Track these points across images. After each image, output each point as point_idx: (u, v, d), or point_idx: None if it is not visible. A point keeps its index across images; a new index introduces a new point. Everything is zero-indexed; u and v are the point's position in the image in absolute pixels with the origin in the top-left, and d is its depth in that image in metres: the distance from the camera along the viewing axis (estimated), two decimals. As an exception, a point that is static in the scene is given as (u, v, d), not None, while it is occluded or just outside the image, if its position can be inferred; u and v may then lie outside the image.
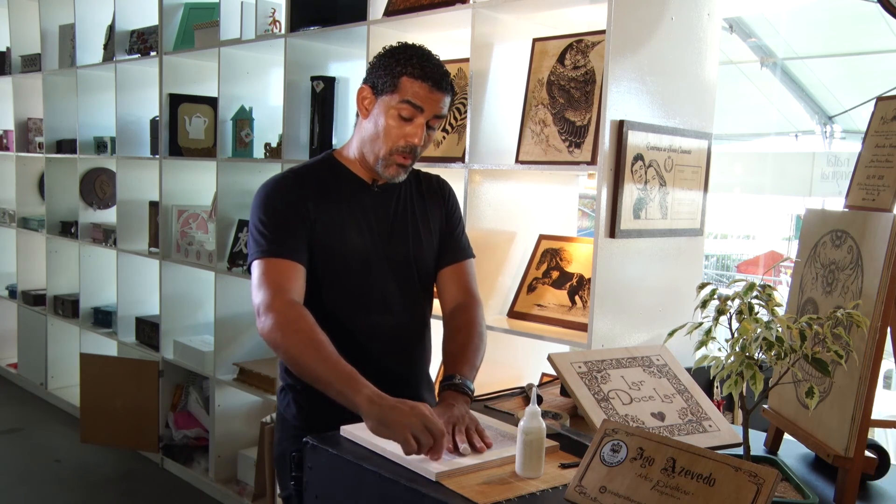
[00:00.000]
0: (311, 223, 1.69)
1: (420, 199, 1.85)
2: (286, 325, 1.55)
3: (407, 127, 1.67)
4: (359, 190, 1.78)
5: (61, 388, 5.02)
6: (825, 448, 1.41)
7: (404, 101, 1.65)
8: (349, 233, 1.73)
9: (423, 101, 1.66)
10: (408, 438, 1.36)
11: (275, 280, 1.62)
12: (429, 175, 1.92)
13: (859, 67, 6.81)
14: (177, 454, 3.97)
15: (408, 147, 1.68)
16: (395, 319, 1.79)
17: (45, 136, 4.85)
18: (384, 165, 1.71)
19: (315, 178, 1.77)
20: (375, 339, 1.77)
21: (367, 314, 1.76)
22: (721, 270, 7.71)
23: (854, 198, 1.55)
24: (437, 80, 1.67)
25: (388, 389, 1.68)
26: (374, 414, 1.41)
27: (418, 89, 1.65)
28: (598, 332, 2.21)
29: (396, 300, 1.78)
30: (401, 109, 1.66)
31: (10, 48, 5.21)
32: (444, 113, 1.70)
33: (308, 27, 3.09)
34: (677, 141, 2.38)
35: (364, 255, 1.75)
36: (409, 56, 1.67)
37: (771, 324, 1.33)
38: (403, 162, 1.70)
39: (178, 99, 3.84)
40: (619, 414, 1.57)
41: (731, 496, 1.12)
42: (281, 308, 1.57)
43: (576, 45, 2.43)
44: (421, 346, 1.87)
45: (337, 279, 1.73)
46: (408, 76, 1.65)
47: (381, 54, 1.72)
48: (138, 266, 4.25)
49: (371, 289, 1.76)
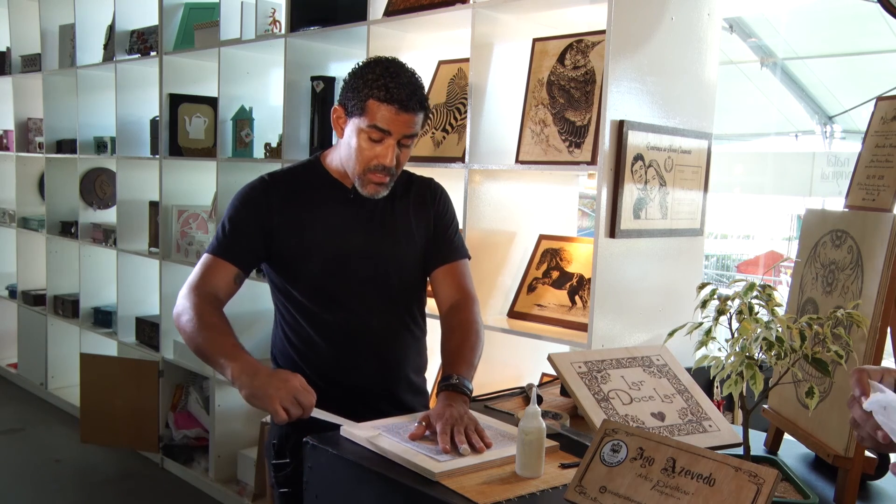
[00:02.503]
0: (271, 230, 1.76)
1: (404, 201, 1.85)
2: (191, 310, 1.67)
3: (377, 148, 1.69)
4: (336, 193, 1.80)
5: (61, 388, 5.02)
6: (825, 448, 1.41)
7: (371, 125, 1.67)
8: (320, 234, 1.77)
9: (389, 125, 1.67)
10: (277, 409, 1.46)
11: (203, 275, 1.74)
12: (421, 178, 1.93)
13: (859, 67, 6.81)
14: (177, 454, 3.97)
15: (379, 166, 1.70)
16: (366, 319, 1.80)
17: (45, 136, 4.85)
18: (361, 184, 1.75)
19: (291, 182, 1.82)
20: (346, 338, 1.79)
21: (337, 313, 1.78)
22: (721, 270, 7.71)
23: (854, 198, 1.55)
24: (404, 101, 1.66)
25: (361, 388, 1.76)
26: (245, 383, 1.51)
27: (385, 112, 1.66)
28: (598, 332, 2.21)
29: (369, 301, 1.80)
30: (370, 133, 1.68)
31: (10, 48, 5.21)
32: (414, 132, 1.72)
33: (308, 27, 3.09)
34: (677, 141, 2.38)
35: (334, 255, 1.77)
36: (375, 77, 1.67)
37: (771, 324, 1.33)
38: (381, 180, 1.73)
39: (178, 99, 3.84)
40: (619, 414, 1.57)
41: (731, 496, 1.12)
42: (193, 298, 1.69)
43: (576, 45, 2.43)
44: (398, 348, 1.85)
45: (308, 279, 1.78)
46: (374, 99, 1.66)
47: (351, 73, 1.74)
48: (138, 266, 4.25)
49: (341, 289, 1.78)
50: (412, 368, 1.90)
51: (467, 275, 1.88)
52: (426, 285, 1.93)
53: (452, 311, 1.82)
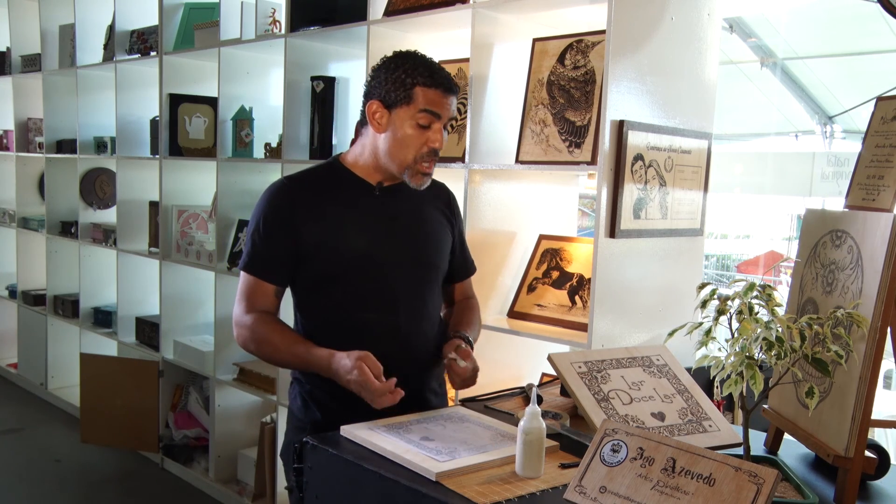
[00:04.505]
0: (298, 233, 1.78)
1: (423, 201, 1.87)
2: (251, 338, 1.79)
3: (427, 133, 1.74)
4: (360, 192, 1.82)
5: (61, 388, 5.02)
6: (825, 448, 1.41)
7: (422, 110, 1.72)
8: (346, 233, 1.78)
9: (439, 108, 1.73)
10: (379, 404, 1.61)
11: (248, 298, 1.81)
12: (435, 181, 1.94)
13: (859, 67, 6.81)
14: (177, 454, 3.97)
15: (431, 151, 1.75)
16: (395, 317, 1.80)
17: (45, 136, 4.85)
18: (411, 174, 1.77)
19: (314, 182, 1.84)
20: (375, 336, 1.78)
21: (366, 312, 1.78)
22: (721, 270, 7.71)
23: (854, 198, 1.56)
24: (448, 85, 1.74)
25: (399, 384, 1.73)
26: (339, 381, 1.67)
27: (433, 96, 1.72)
28: (598, 332, 2.21)
29: (398, 299, 1.80)
30: (419, 119, 1.72)
31: (10, 48, 5.20)
32: (456, 114, 1.81)
33: (308, 27, 3.09)
34: (677, 141, 2.38)
35: (362, 254, 1.78)
36: (415, 65, 1.73)
37: (771, 324, 1.33)
38: (428, 169, 1.78)
39: (178, 99, 3.84)
40: (619, 414, 1.57)
41: (731, 496, 1.13)
42: (248, 323, 1.79)
43: (576, 45, 2.43)
44: (427, 346, 1.86)
45: (336, 278, 1.78)
46: (420, 86, 1.71)
47: (385, 67, 1.76)
48: (138, 266, 4.25)
49: (369, 287, 1.79)
50: (437, 368, 1.91)
51: (471, 283, 2.05)
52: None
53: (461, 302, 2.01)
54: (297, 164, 3.09)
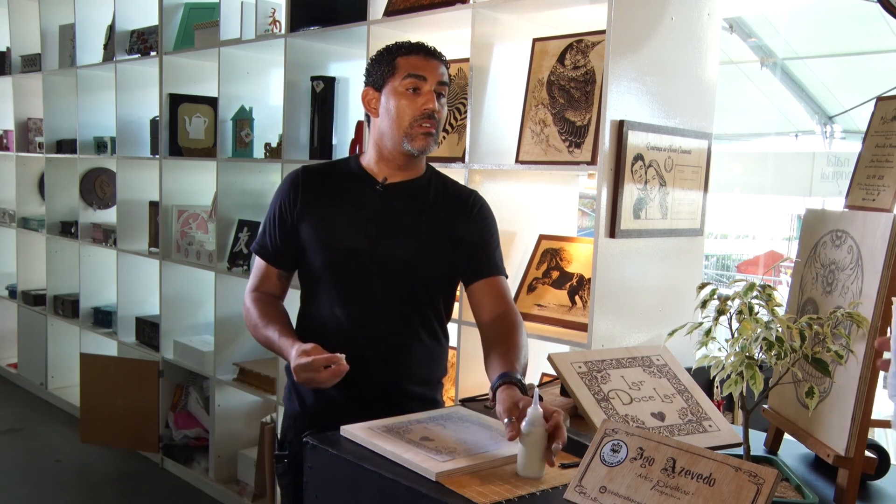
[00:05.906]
0: (295, 223, 1.84)
1: (435, 204, 1.84)
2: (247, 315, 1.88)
3: (418, 98, 1.75)
4: (363, 187, 1.83)
5: (61, 388, 5.02)
6: (825, 448, 1.41)
7: (407, 75, 1.74)
8: (338, 228, 1.81)
9: (423, 70, 1.75)
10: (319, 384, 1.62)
11: (255, 277, 1.91)
12: (461, 189, 1.92)
13: (859, 67, 6.81)
14: (177, 454, 3.97)
15: (426, 113, 1.75)
16: (376, 316, 1.80)
17: (45, 136, 4.85)
18: (410, 140, 1.76)
19: (322, 173, 1.89)
20: (354, 332, 1.80)
21: (349, 308, 1.80)
22: (721, 270, 7.71)
23: (854, 198, 1.56)
24: (429, 50, 1.79)
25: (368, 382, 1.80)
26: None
27: (415, 61, 1.76)
28: (598, 332, 2.21)
29: (381, 298, 1.80)
30: (406, 84, 1.75)
31: (10, 48, 5.20)
32: (446, 80, 1.79)
33: (308, 27, 3.09)
34: (677, 141, 2.38)
35: (351, 250, 1.79)
36: (396, 45, 1.80)
37: (771, 324, 1.33)
38: (428, 129, 1.76)
39: (178, 99, 3.84)
40: (619, 414, 1.57)
41: (731, 496, 1.13)
42: (247, 302, 1.89)
43: (576, 45, 2.43)
44: (409, 348, 1.84)
45: (323, 271, 1.82)
46: (402, 56, 1.77)
47: (371, 59, 1.84)
48: (138, 266, 4.25)
49: (354, 284, 1.81)
50: (417, 376, 1.86)
51: (508, 290, 1.84)
52: (452, 296, 1.91)
53: (497, 320, 1.77)
54: (297, 164, 3.08)
